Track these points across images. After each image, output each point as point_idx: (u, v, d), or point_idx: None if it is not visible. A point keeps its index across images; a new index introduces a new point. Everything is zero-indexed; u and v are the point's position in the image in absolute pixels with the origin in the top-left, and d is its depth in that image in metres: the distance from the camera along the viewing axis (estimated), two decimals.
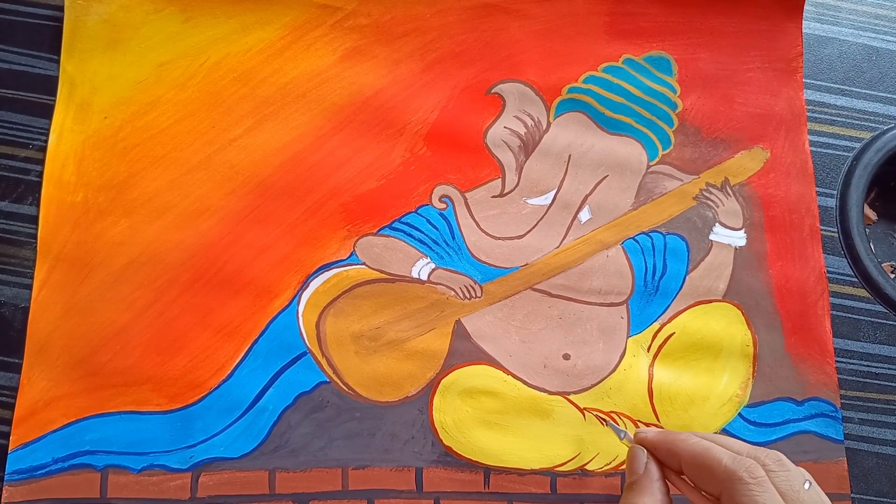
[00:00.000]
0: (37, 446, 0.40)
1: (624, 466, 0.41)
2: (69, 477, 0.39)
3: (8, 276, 0.42)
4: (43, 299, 0.41)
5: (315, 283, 0.43)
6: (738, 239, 0.46)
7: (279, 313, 0.42)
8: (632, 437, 0.37)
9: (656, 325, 0.44)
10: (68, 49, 0.44)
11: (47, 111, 0.44)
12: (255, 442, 0.41)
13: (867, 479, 0.43)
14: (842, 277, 0.46)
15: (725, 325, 0.44)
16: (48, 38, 0.45)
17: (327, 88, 0.45)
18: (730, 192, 0.46)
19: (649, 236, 0.45)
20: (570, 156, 0.46)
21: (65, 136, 0.43)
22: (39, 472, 0.39)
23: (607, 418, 0.42)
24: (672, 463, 0.35)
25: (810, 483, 0.33)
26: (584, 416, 0.42)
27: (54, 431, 0.40)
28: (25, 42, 0.45)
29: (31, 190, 0.43)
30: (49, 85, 0.44)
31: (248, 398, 0.41)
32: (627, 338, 0.44)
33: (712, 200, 0.46)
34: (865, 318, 0.46)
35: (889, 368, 0.45)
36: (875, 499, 0.43)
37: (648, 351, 0.44)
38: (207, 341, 0.41)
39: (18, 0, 0.45)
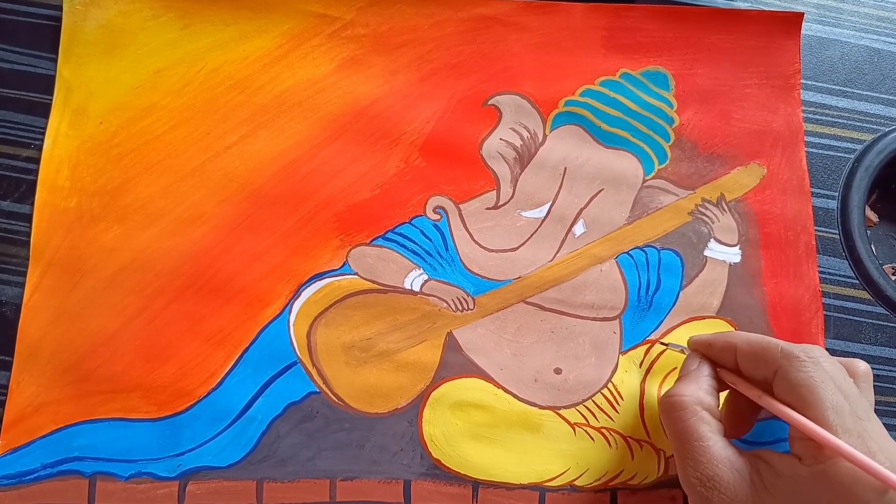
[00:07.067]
0: (25, 452, 0.39)
1: (614, 482, 0.42)
2: (57, 483, 0.39)
3: (9, 276, 0.42)
4: (34, 304, 0.41)
5: (307, 293, 0.43)
6: (733, 255, 0.45)
7: (270, 322, 0.42)
8: (688, 349, 0.41)
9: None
10: (65, 54, 0.44)
11: (49, 111, 0.44)
12: (244, 451, 0.40)
13: None
14: (843, 279, 0.46)
15: None
16: (50, 37, 0.45)
17: (323, 97, 0.45)
18: (725, 207, 0.46)
19: (644, 251, 0.45)
20: (565, 169, 0.46)
21: (59, 140, 0.43)
22: (28, 477, 0.39)
23: (665, 342, 0.43)
24: (726, 359, 0.38)
25: (853, 380, 0.35)
26: (574, 431, 0.42)
27: (43, 437, 0.40)
28: (27, 42, 0.45)
29: (33, 190, 0.43)
30: (51, 85, 0.44)
31: (237, 407, 0.41)
32: (619, 353, 0.44)
33: (708, 216, 0.46)
34: (866, 321, 0.45)
35: (890, 370, 0.45)
36: None
37: (640, 366, 0.43)
38: (197, 349, 0.41)
39: (20, 0, 0.45)
